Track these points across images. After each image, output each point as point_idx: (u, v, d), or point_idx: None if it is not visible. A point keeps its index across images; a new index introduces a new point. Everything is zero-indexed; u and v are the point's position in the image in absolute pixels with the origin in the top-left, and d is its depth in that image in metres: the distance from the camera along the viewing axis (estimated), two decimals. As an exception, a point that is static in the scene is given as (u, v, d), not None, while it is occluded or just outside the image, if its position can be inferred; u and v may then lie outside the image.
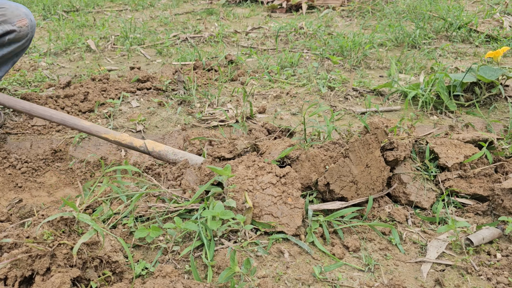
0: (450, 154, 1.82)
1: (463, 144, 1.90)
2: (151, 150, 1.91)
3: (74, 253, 1.14)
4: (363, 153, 1.67)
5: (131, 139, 1.93)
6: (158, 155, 1.91)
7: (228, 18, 5.05)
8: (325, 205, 1.62)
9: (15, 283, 1.13)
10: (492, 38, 3.70)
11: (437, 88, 2.41)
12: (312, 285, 1.32)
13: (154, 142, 1.94)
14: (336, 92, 2.71)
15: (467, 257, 1.43)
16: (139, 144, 1.92)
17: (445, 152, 1.83)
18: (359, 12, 5.00)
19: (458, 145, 1.88)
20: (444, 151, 1.83)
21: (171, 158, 1.90)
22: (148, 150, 1.91)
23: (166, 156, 1.90)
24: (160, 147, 1.92)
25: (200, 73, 3.03)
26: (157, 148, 1.91)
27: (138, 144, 1.93)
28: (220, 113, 2.43)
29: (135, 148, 1.93)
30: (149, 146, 1.91)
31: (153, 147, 1.91)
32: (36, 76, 2.95)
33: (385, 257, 1.46)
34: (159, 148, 1.91)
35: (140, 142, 1.93)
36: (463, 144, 1.90)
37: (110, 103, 2.57)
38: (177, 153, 1.90)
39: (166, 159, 1.91)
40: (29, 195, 1.95)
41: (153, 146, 1.91)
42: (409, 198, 1.72)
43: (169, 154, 1.90)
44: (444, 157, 1.80)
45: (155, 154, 1.91)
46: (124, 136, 1.94)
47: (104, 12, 5.41)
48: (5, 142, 2.19)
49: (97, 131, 1.95)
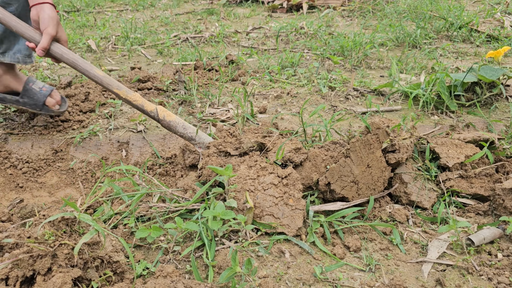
0: (451, 154, 1.82)
1: (464, 144, 1.90)
2: (161, 118, 1.81)
3: (76, 253, 1.14)
4: (364, 153, 1.67)
5: (143, 101, 1.82)
6: (168, 125, 1.82)
7: (229, 18, 5.05)
8: (326, 206, 1.62)
9: (16, 283, 1.13)
10: (493, 37, 3.69)
11: (438, 88, 2.41)
12: (313, 285, 1.32)
13: (166, 110, 1.84)
14: (337, 92, 2.71)
15: (468, 257, 1.43)
16: (150, 108, 1.82)
17: (446, 152, 1.83)
18: (360, 12, 5.00)
19: (459, 145, 1.88)
20: (445, 151, 1.83)
21: (179, 131, 1.82)
22: (158, 117, 1.81)
23: (175, 128, 1.82)
24: (171, 117, 1.83)
25: (201, 73, 3.03)
26: (168, 117, 1.82)
27: (149, 108, 1.82)
28: (221, 113, 2.43)
29: (146, 111, 1.82)
30: (161, 113, 1.81)
31: (165, 115, 1.82)
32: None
33: (386, 257, 1.46)
34: (170, 118, 1.82)
35: (152, 107, 1.82)
36: (464, 144, 1.90)
37: (111, 103, 2.57)
38: (187, 127, 1.83)
39: (174, 130, 1.83)
40: (30, 195, 1.95)
41: (164, 115, 1.82)
42: (410, 198, 1.72)
43: (178, 126, 1.82)
44: (445, 157, 1.80)
45: (164, 123, 1.83)
46: (136, 96, 1.82)
47: (105, 12, 5.41)
48: (6, 142, 2.20)
49: (109, 83, 1.81)
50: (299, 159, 1.73)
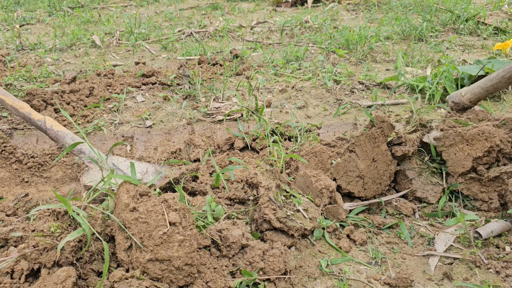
0: (458, 157, 1.66)
1: (476, 136, 1.71)
2: (49, 128, 1.75)
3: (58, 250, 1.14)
4: (369, 147, 1.66)
5: (29, 109, 1.77)
6: (55, 135, 1.75)
7: (233, 12, 5.02)
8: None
9: (21, 276, 1.13)
10: (500, 30, 3.65)
11: (444, 81, 2.38)
12: (319, 278, 1.31)
13: (54, 120, 1.79)
14: (342, 85, 2.69)
15: (476, 250, 1.41)
16: (38, 117, 1.76)
17: (453, 157, 1.67)
18: (365, 5, 4.96)
19: (470, 140, 1.71)
20: (452, 156, 1.67)
21: (68, 142, 1.76)
22: (46, 126, 1.75)
23: (63, 139, 1.76)
24: (59, 127, 1.76)
25: (205, 68, 3.02)
26: (56, 127, 1.76)
27: (37, 117, 1.76)
28: (226, 107, 2.42)
29: (32, 120, 1.76)
30: (48, 123, 1.75)
31: (52, 125, 1.75)
32: (41, 72, 2.96)
33: (392, 251, 1.45)
34: (58, 128, 1.76)
35: (40, 116, 1.77)
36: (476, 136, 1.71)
37: (115, 98, 2.57)
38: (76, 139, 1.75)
39: (63, 142, 1.76)
40: (36, 190, 1.96)
41: (52, 124, 1.75)
42: (415, 194, 1.69)
43: (67, 137, 1.75)
44: (452, 164, 1.67)
45: (52, 133, 1.76)
46: (23, 104, 1.78)
47: (109, 8, 5.41)
48: (12, 137, 2.20)
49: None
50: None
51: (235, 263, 1.25)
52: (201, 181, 1.67)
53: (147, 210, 1.12)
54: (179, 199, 1.39)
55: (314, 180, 1.57)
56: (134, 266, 1.13)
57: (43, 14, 5.01)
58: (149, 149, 2.16)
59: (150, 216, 1.11)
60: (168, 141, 2.20)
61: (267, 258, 1.24)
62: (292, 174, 1.80)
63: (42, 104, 2.35)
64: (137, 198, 1.17)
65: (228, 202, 1.59)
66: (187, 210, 1.16)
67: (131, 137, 2.22)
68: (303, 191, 1.60)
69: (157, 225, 1.10)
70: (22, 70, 2.96)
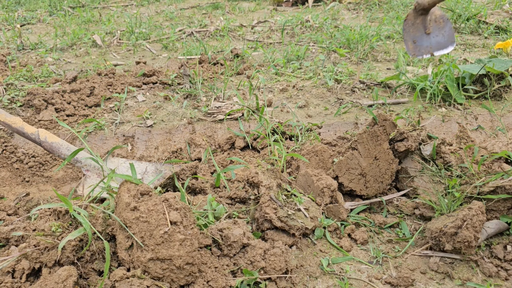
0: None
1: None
2: (43, 140, 1.76)
3: (59, 249, 1.14)
4: (372, 145, 1.65)
5: (22, 124, 1.79)
6: (50, 147, 1.76)
7: (234, 12, 5.02)
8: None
9: (22, 275, 1.13)
10: (502, 29, 3.64)
11: (445, 80, 2.38)
12: (320, 277, 1.31)
13: (48, 132, 1.79)
14: (343, 84, 2.69)
15: (477, 250, 1.41)
16: (31, 131, 1.77)
17: None
18: (366, 4, 4.95)
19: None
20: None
21: (63, 153, 1.75)
22: (40, 139, 1.76)
23: (58, 150, 1.76)
24: (54, 139, 1.76)
25: (206, 67, 3.02)
26: (50, 139, 1.76)
27: (30, 130, 1.77)
28: (227, 106, 2.42)
29: (26, 134, 1.77)
30: (42, 135, 1.75)
31: (46, 137, 1.76)
32: (42, 71, 2.96)
33: (393, 250, 1.45)
34: (52, 140, 1.76)
35: (33, 129, 1.78)
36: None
37: (116, 97, 2.57)
38: (71, 149, 1.75)
39: (58, 152, 1.76)
40: (37, 189, 1.96)
41: (46, 136, 1.76)
42: (417, 192, 1.69)
43: (62, 148, 1.75)
44: None
45: (46, 145, 1.76)
46: (16, 120, 1.79)
47: (110, 8, 5.41)
48: (13, 137, 2.20)
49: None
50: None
51: (236, 262, 1.25)
52: (201, 181, 1.67)
53: (148, 209, 1.12)
54: (180, 198, 1.39)
55: (315, 179, 1.57)
56: (135, 265, 1.13)
57: (44, 13, 5.01)
58: (150, 148, 2.16)
59: (151, 215, 1.11)
60: (169, 140, 2.20)
61: (268, 257, 1.24)
62: (293, 173, 1.80)
63: (43, 103, 2.36)
64: (138, 197, 1.17)
65: (229, 202, 1.59)
66: (188, 209, 1.16)
67: (132, 137, 2.22)
68: (304, 190, 1.60)
69: (158, 224, 1.10)
70: (23, 69, 2.97)
